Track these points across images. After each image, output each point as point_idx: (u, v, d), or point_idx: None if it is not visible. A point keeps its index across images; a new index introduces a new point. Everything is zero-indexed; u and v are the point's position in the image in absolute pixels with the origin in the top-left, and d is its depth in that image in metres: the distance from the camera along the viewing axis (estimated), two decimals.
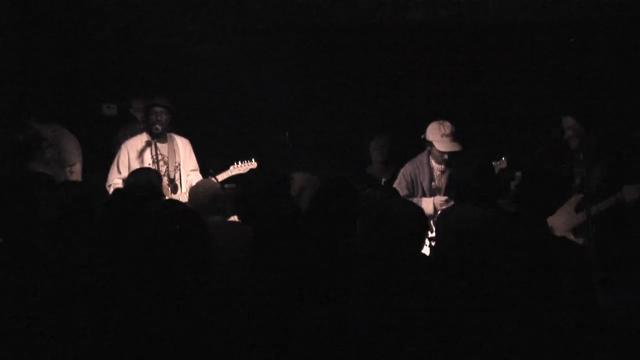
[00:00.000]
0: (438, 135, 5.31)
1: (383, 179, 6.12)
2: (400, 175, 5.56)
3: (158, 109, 5.93)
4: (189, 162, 6.09)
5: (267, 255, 3.16)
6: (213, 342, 2.79)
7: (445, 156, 5.32)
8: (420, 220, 3.48)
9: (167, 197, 5.50)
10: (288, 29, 7.13)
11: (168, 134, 6.01)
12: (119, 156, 5.97)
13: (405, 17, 6.99)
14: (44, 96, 6.57)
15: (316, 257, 3.02)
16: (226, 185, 6.13)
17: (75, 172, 5.99)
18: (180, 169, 6.01)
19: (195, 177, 6.02)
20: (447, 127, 5.33)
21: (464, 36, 7.04)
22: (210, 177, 5.73)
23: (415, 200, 5.33)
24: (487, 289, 3.00)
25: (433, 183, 5.47)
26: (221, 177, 5.95)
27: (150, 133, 5.94)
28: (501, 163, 5.56)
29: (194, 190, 4.86)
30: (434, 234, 4.86)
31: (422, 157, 5.50)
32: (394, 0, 7.00)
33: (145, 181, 4.83)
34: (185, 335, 2.76)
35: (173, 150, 6.01)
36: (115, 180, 5.80)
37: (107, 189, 5.67)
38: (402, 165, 5.75)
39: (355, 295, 2.90)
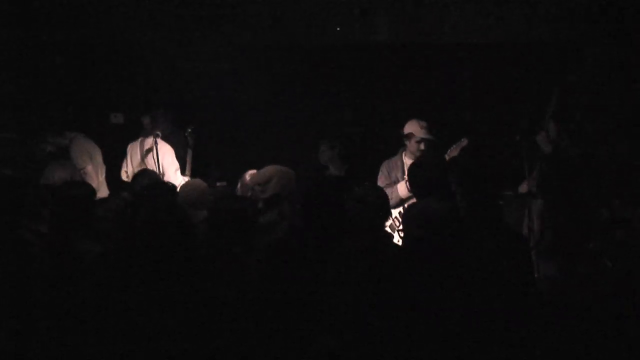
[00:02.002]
0: (417, 127, 5.75)
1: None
2: (379, 172, 5.90)
3: None
4: None
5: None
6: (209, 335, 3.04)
7: (422, 146, 5.73)
8: (382, 200, 4.02)
9: None
10: (271, 48, 7.46)
11: None
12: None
13: (372, 39, 7.40)
14: (58, 109, 6.86)
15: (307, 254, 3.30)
16: (218, 184, 6.66)
17: (88, 174, 6.24)
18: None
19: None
20: (423, 122, 5.80)
21: (423, 54, 7.41)
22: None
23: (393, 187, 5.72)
24: (448, 272, 3.31)
25: (404, 176, 5.72)
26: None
27: (152, 139, 6.33)
28: (462, 142, 5.80)
29: (184, 188, 5.13)
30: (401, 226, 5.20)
31: (396, 157, 5.88)
32: (362, 24, 7.26)
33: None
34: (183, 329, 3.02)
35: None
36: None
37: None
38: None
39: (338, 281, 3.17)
